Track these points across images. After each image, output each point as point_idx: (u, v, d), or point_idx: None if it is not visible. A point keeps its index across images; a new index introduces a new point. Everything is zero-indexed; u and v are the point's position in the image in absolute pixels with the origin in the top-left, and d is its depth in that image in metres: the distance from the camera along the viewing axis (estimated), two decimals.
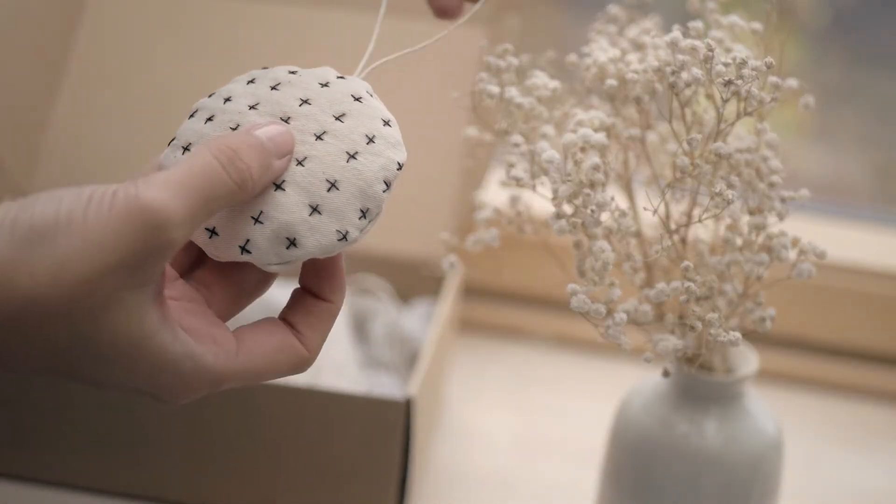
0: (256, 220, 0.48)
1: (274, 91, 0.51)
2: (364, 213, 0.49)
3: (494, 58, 0.61)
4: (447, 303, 0.82)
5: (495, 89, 0.60)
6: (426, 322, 0.87)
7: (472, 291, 0.99)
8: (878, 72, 1.21)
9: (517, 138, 0.59)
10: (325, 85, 0.52)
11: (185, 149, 0.49)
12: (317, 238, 0.48)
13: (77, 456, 0.74)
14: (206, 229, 0.48)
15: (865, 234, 1.03)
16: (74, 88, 0.90)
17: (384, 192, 0.49)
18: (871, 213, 1.08)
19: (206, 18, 0.92)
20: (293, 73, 0.53)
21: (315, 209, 0.48)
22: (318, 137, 0.50)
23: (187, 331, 0.46)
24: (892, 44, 1.18)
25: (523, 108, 0.59)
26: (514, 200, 0.65)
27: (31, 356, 0.44)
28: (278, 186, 0.48)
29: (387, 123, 0.51)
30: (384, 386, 0.84)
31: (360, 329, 0.89)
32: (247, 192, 0.46)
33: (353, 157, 0.49)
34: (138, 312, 0.44)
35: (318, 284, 0.50)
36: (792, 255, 0.59)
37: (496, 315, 1.00)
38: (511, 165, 0.59)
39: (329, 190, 0.48)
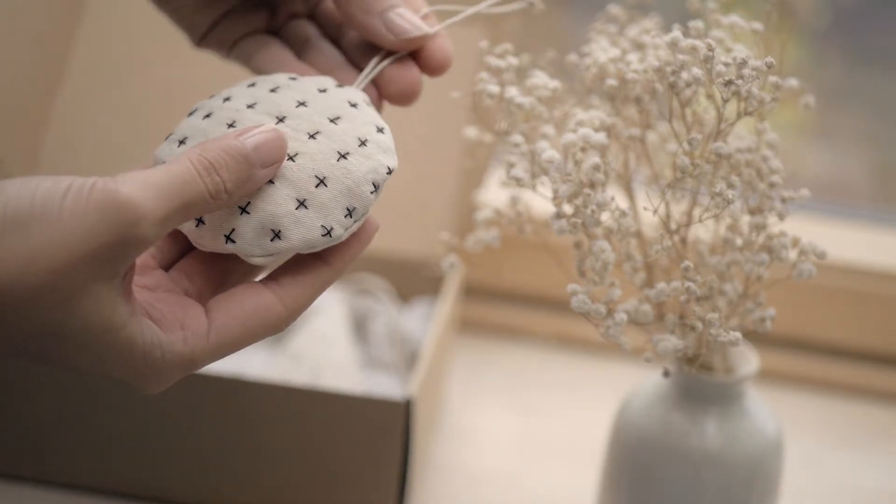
0: (243, 211, 0.48)
1: (272, 93, 0.52)
2: (350, 212, 0.49)
3: (494, 58, 0.61)
4: (447, 303, 0.82)
5: (495, 89, 0.60)
6: (426, 322, 0.87)
7: (472, 291, 0.99)
8: (878, 72, 1.21)
9: (517, 138, 0.59)
10: (323, 91, 0.53)
11: (181, 142, 0.50)
12: (301, 232, 0.49)
13: (77, 456, 0.74)
14: (195, 218, 0.49)
15: (865, 233, 1.03)
16: (74, 88, 0.90)
17: (372, 193, 0.50)
18: (870, 213, 1.08)
19: None
20: (293, 79, 0.54)
21: (302, 203, 0.49)
22: (311, 136, 0.50)
23: (155, 320, 0.46)
24: (892, 44, 1.18)
25: (523, 108, 0.59)
26: (514, 200, 0.65)
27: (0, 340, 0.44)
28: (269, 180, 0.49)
29: (380, 130, 0.52)
30: (384, 386, 0.84)
31: (360, 329, 0.89)
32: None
33: (343, 156, 0.50)
34: (107, 304, 0.44)
35: None
36: (792, 255, 0.59)
37: (496, 315, 1.00)
38: (511, 165, 0.59)
39: (317, 186, 0.49)
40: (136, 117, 0.90)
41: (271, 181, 0.49)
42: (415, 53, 0.56)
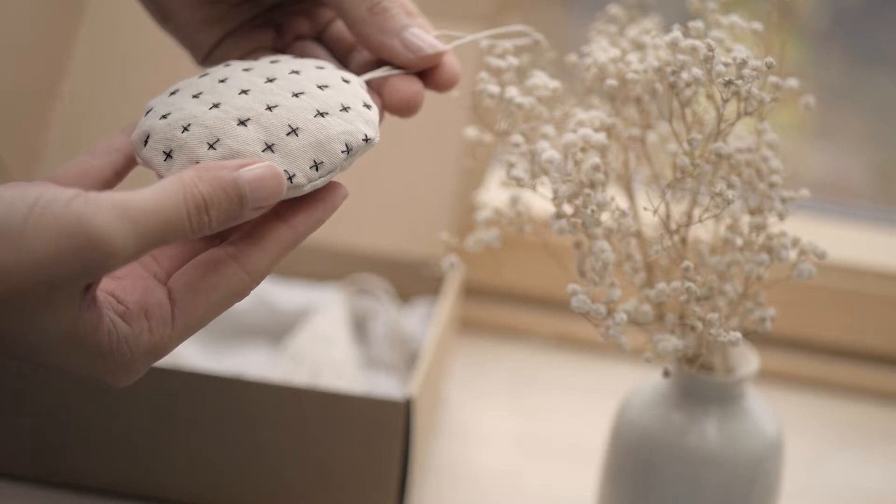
0: (211, 147, 0.49)
1: (271, 63, 0.53)
2: (317, 166, 0.49)
3: (494, 58, 0.61)
4: (447, 303, 0.82)
5: (495, 89, 0.60)
6: (426, 322, 0.87)
7: (472, 291, 0.99)
8: (878, 72, 1.21)
9: (517, 138, 0.59)
10: (321, 68, 0.54)
11: (164, 116, 0.50)
12: None
13: (77, 456, 0.74)
14: (163, 152, 0.49)
15: (865, 234, 1.03)
16: (74, 88, 0.90)
17: (343, 153, 0.50)
18: (871, 213, 1.08)
19: None
20: (294, 59, 0.55)
21: (269, 147, 0.49)
22: (295, 95, 0.51)
23: (120, 314, 0.46)
24: (892, 44, 1.18)
25: (523, 108, 0.59)
26: (514, 200, 0.65)
27: None
28: (241, 122, 0.49)
29: (367, 107, 0.52)
30: (384, 386, 0.84)
31: (360, 329, 0.89)
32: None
33: (322, 115, 0.50)
34: (70, 317, 0.43)
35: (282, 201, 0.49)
36: (792, 255, 0.59)
37: (496, 315, 1.00)
38: (511, 165, 0.59)
39: (288, 134, 0.49)
40: (136, 117, 0.90)
41: (245, 124, 0.49)
42: (424, 71, 0.56)
